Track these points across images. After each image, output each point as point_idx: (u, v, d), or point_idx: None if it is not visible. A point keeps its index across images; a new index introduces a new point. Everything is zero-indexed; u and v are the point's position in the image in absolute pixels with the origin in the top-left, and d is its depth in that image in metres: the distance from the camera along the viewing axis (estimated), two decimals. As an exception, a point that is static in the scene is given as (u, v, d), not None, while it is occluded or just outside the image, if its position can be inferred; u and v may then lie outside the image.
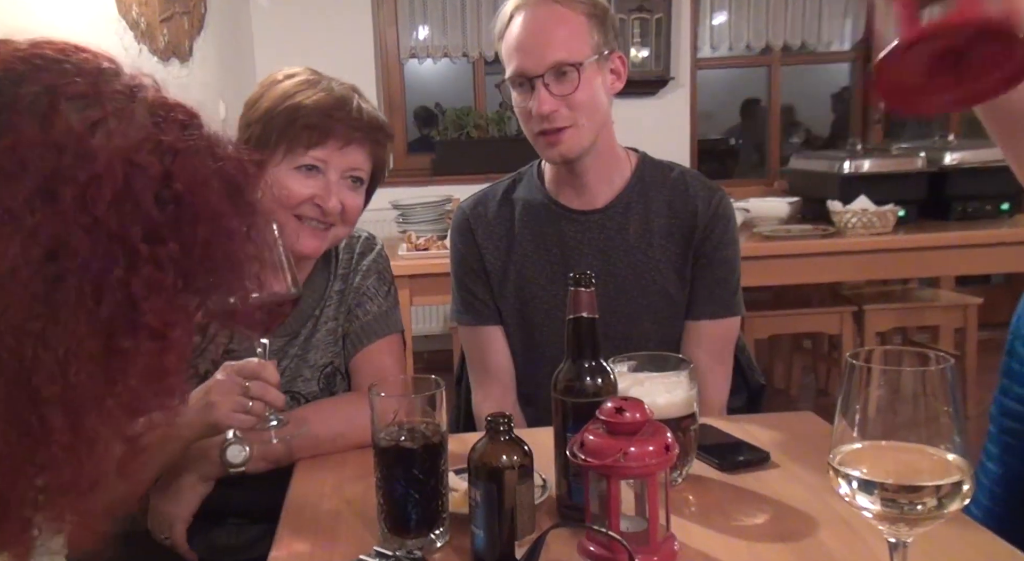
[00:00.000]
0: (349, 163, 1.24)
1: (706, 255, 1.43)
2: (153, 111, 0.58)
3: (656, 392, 1.05)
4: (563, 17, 1.33)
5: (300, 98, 1.22)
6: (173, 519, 1.13)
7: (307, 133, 1.20)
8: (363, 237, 1.40)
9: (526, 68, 1.33)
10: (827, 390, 3.75)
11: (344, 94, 1.24)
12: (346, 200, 1.24)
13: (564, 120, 1.34)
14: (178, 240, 0.56)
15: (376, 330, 1.34)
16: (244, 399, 1.05)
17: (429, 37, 4.38)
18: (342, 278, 1.36)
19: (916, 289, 3.55)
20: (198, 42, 3.02)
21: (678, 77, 4.40)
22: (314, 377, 1.31)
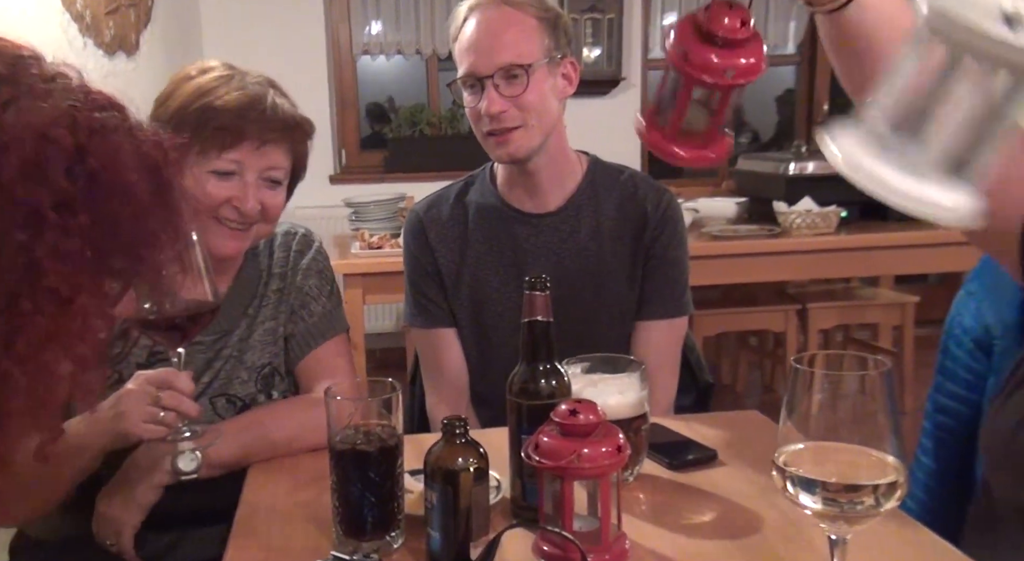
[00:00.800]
0: (266, 163, 1.21)
1: (656, 256, 1.46)
2: (71, 94, 0.61)
3: (609, 393, 1.07)
4: (514, 20, 1.35)
5: (211, 98, 1.17)
6: (121, 525, 1.11)
7: (220, 136, 1.16)
8: (300, 234, 1.38)
9: (476, 69, 1.35)
10: (772, 386, 3.85)
11: (258, 92, 1.20)
12: (265, 200, 1.21)
13: (513, 121, 1.35)
14: (89, 212, 0.59)
15: (323, 331, 1.33)
16: (155, 409, 1.03)
17: (382, 33, 4.35)
18: (279, 277, 1.33)
19: (857, 288, 3.66)
20: (145, 35, 2.96)
21: (630, 77, 4.45)
22: (251, 378, 1.29)
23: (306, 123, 1.27)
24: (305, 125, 1.26)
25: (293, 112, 1.24)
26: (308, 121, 1.27)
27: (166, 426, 1.04)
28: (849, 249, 3.05)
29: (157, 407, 1.03)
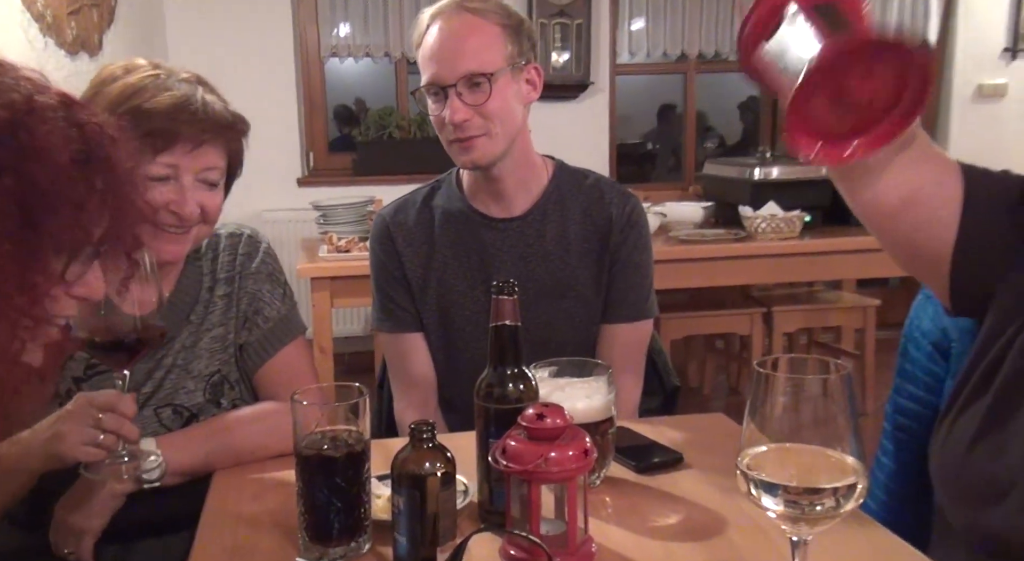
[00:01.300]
0: (202, 164, 1.17)
1: (621, 260, 1.47)
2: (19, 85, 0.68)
3: (576, 397, 1.07)
4: (477, 27, 1.35)
5: (140, 101, 1.12)
6: (81, 533, 1.09)
7: (152, 140, 1.11)
8: (245, 235, 1.34)
9: (439, 77, 1.35)
10: (738, 389, 3.89)
11: (187, 92, 1.15)
12: (204, 202, 1.18)
13: (476, 129, 1.36)
14: (16, 176, 0.65)
15: (280, 336, 1.31)
16: (95, 431, 1.01)
17: (350, 35, 4.33)
18: (226, 281, 1.30)
19: (821, 291, 3.72)
20: (108, 36, 2.92)
21: (598, 82, 4.48)
22: (199, 387, 1.25)
23: (240, 121, 1.23)
24: (239, 123, 1.22)
25: (225, 110, 1.20)
26: (242, 118, 1.23)
27: (105, 449, 1.01)
28: (813, 253, 3.10)
29: (97, 429, 1.01)
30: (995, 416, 0.91)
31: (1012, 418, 0.90)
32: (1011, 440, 0.89)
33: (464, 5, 1.36)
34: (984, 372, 0.94)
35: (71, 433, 1.01)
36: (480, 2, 1.38)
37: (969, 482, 0.93)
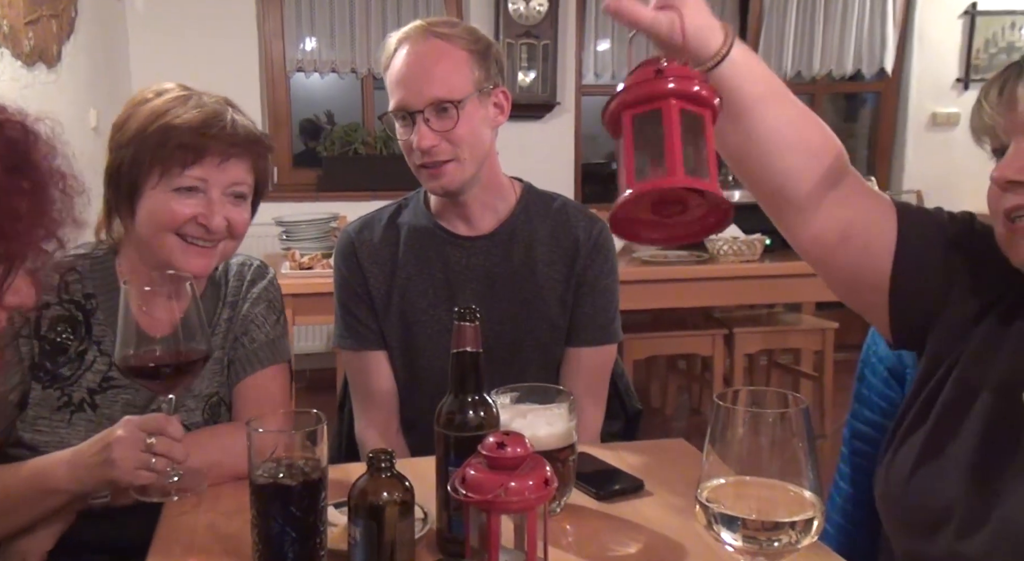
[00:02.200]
0: (230, 179, 1.21)
1: (587, 283, 1.47)
2: None
3: (537, 424, 1.07)
4: (444, 53, 1.35)
5: (170, 117, 1.18)
6: (26, 555, 1.08)
7: (181, 153, 1.17)
8: (255, 265, 1.38)
9: (407, 103, 1.35)
10: (700, 409, 3.91)
11: (217, 109, 1.21)
12: (231, 216, 1.22)
13: (445, 154, 1.35)
14: None
15: (262, 358, 1.31)
16: (147, 456, 1.02)
17: (316, 50, 4.32)
18: (230, 305, 1.33)
19: (781, 313, 3.76)
20: (67, 47, 2.87)
21: (564, 102, 4.52)
22: (198, 407, 1.27)
23: (265, 138, 1.27)
24: (264, 140, 1.27)
25: (252, 127, 1.25)
26: (267, 136, 1.29)
27: (156, 472, 1.03)
28: (773, 276, 3.14)
29: (148, 453, 1.02)
30: (933, 445, 0.93)
31: (948, 447, 0.92)
32: (947, 469, 0.91)
33: (431, 30, 1.36)
34: (923, 402, 0.96)
35: (124, 460, 1.01)
36: (447, 27, 1.37)
37: (909, 510, 0.94)
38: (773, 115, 0.95)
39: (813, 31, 4.69)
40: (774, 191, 1.00)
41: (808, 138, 0.97)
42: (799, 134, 0.97)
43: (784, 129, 0.96)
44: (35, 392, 1.19)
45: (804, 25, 4.70)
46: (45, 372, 1.20)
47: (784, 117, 0.96)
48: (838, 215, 0.98)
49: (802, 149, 0.97)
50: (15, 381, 1.18)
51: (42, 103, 2.61)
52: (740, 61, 0.91)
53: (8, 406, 1.17)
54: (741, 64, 0.91)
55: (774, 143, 0.96)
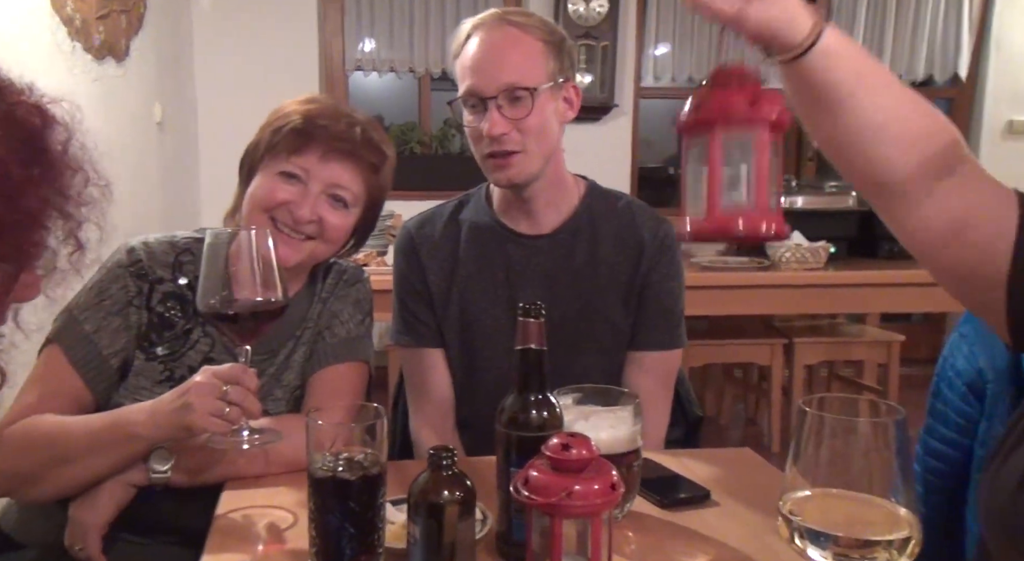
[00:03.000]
0: (331, 178, 1.22)
1: (651, 285, 1.43)
2: None
3: (601, 427, 1.03)
4: (520, 41, 1.32)
5: (300, 107, 1.24)
6: (87, 527, 1.09)
7: (292, 138, 1.20)
8: (352, 268, 1.40)
9: (480, 88, 1.32)
10: (755, 420, 3.82)
11: (341, 110, 1.25)
12: (325, 215, 1.23)
13: (514, 144, 1.32)
14: None
15: (339, 353, 1.31)
16: (222, 403, 1.02)
17: (375, 50, 4.34)
18: (323, 302, 1.34)
19: (844, 324, 3.65)
20: (136, 42, 2.92)
21: (621, 104, 4.46)
22: (284, 397, 1.29)
23: (382, 148, 1.28)
24: (380, 148, 1.27)
25: (369, 136, 1.25)
26: (381, 150, 1.28)
27: (230, 422, 1.03)
28: (837, 285, 3.05)
29: (223, 401, 1.02)
30: None
31: None
32: None
33: (507, 18, 1.33)
34: None
35: (201, 404, 1.02)
36: (523, 16, 1.35)
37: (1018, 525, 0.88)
38: (870, 105, 0.89)
39: (883, 34, 4.56)
40: (874, 182, 0.94)
41: (912, 128, 0.91)
42: (901, 124, 0.90)
43: (882, 119, 0.90)
44: (138, 362, 1.22)
45: (874, 28, 4.57)
46: (150, 344, 1.23)
47: (883, 107, 0.90)
48: (949, 206, 0.91)
49: (905, 139, 0.91)
50: (118, 346, 1.21)
51: (110, 96, 2.67)
52: (832, 50, 0.85)
53: (109, 368, 1.20)
54: (833, 53, 0.85)
55: (871, 134, 0.90)
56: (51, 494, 1.13)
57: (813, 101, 0.87)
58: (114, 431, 1.08)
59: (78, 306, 1.22)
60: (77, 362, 1.18)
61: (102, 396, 1.20)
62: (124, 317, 1.21)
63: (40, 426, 1.12)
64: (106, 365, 1.20)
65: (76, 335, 1.20)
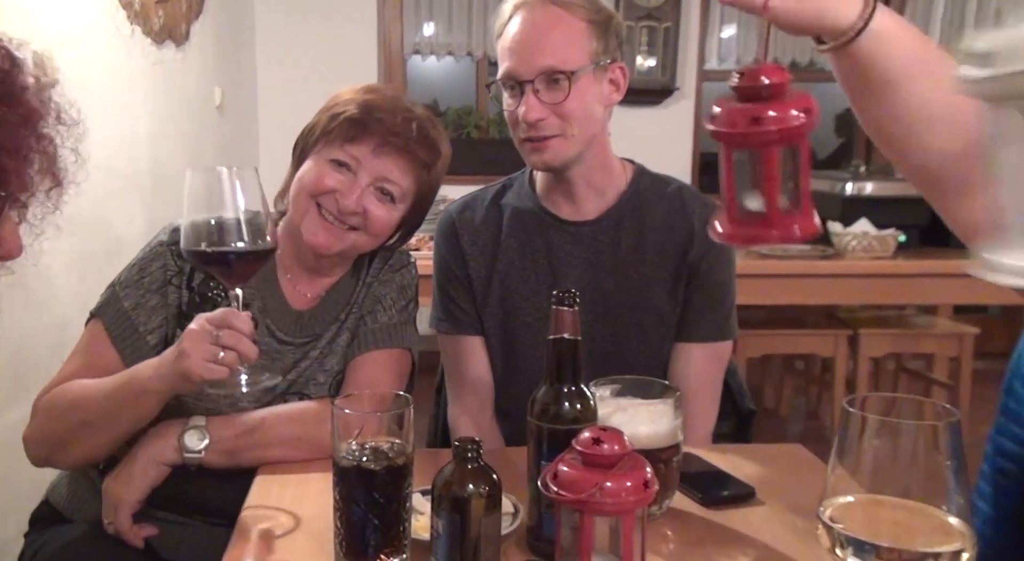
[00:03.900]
0: (381, 171, 1.21)
1: (701, 275, 1.37)
2: None
3: (639, 420, 0.99)
4: (561, 21, 1.27)
5: (359, 95, 1.23)
6: (119, 502, 1.11)
7: (347, 126, 1.20)
8: (398, 252, 1.38)
9: (517, 71, 1.28)
10: (817, 413, 3.71)
11: (399, 103, 1.23)
12: (370, 207, 1.21)
13: (551, 129, 1.28)
14: None
15: (378, 339, 1.28)
16: (215, 348, 1.01)
17: (434, 34, 4.33)
18: (367, 286, 1.33)
19: (912, 315, 3.51)
20: (196, 26, 2.96)
21: (683, 88, 4.36)
22: (327, 382, 1.27)
23: (436, 145, 1.26)
24: (434, 145, 1.25)
25: (426, 132, 1.24)
26: (436, 148, 1.26)
27: (226, 366, 1.02)
28: (906, 275, 2.92)
29: (217, 346, 1.01)
30: None
31: None
32: None
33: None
34: None
35: (194, 351, 1.01)
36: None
37: None
38: (922, 91, 0.83)
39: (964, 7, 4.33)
40: (927, 172, 0.88)
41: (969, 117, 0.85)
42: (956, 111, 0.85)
43: (935, 106, 0.84)
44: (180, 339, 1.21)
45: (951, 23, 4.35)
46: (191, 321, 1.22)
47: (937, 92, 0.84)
48: None
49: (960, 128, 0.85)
50: (155, 323, 1.21)
51: (169, 80, 2.71)
52: (884, 32, 0.80)
53: (145, 345, 1.21)
54: (885, 36, 0.80)
55: (924, 121, 0.85)
56: (80, 457, 1.15)
57: (863, 86, 0.82)
58: (127, 388, 1.09)
59: (120, 282, 1.23)
60: (115, 337, 1.20)
61: None
62: (163, 295, 1.22)
63: (67, 392, 1.15)
64: (142, 341, 1.20)
65: (116, 311, 1.21)
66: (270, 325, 1.25)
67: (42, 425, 1.15)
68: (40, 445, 1.15)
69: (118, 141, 2.32)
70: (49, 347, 1.88)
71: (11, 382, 1.73)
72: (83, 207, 2.07)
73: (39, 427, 1.15)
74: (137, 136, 2.47)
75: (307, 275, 1.30)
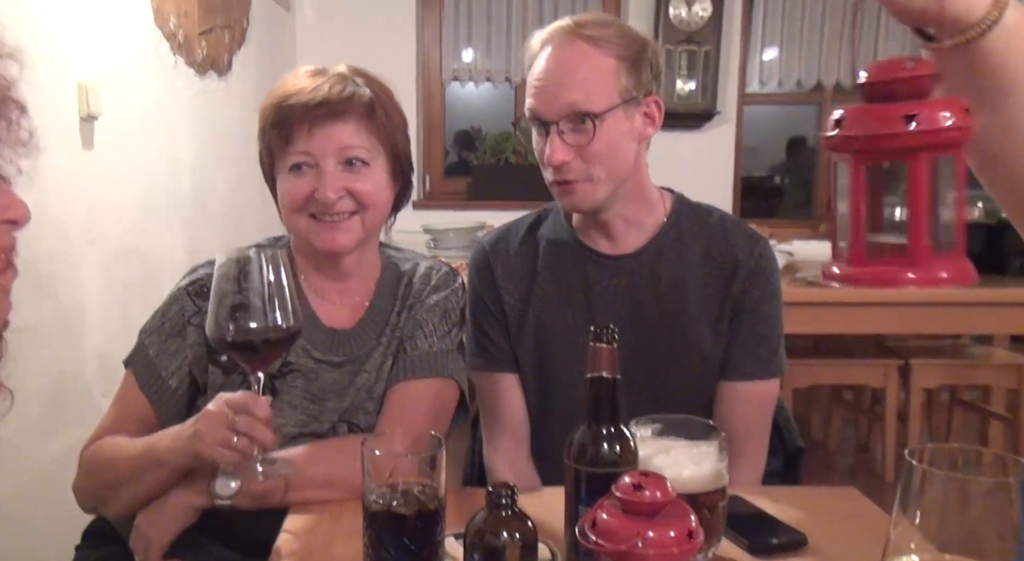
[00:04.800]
0: (332, 145, 1.15)
1: (746, 310, 1.31)
2: None
3: (682, 463, 0.94)
4: (588, 58, 1.21)
5: (266, 104, 1.19)
6: (150, 543, 1.09)
7: (275, 132, 1.16)
8: (443, 271, 1.31)
9: (541, 111, 1.23)
10: (868, 445, 3.58)
11: (303, 80, 1.16)
12: (351, 186, 1.16)
13: (576, 173, 1.23)
14: None
15: (417, 368, 1.22)
16: (229, 433, 0.98)
17: (473, 60, 4.35)
18: (408, 308, 1.27)
19: (968, 345, 3.38)
20: (238, 56, 3.00)
21: (724, 111, 4.31)
22: (375, 410, 1.23)
23: (356, 95, 1.16)
24: (352, 96, 1.16)
25: (342, 86, 1.16)
26: (361, 91, 1.17)
27: (239, 451, 0.99)
28: (959, 303, 2.81)
29: (232, 431, 0.99)
30: None
31: None
32: None
33: (578, 31, 1.22)
34: None
35: (208, 433, 0.99)
36: (597, 28, 1.22)
37: None
38: None
39: None
40: None
41: None
42: None
43: None
44: (215, 377, 1.20)
45: None
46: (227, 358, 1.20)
47: None
48: None
49: None
50: (175, 366, 1.20)
51: (211, 110, 2.74)
52: (1016, 28, 0.69)
53: (168, 389, 1.20)
54: (1017, 32, 0.69)
55: None
56: (117, 512, 1.16)
57: (977, 91, 0.71)
58: (146, 456, 1.09)
59: (146, 330, 1.23)
60: (143, 385, 1.20)
61: (166, 417, 1.19)
62: (183, 338, 1.20)
63: (102, 451, 1.16)
64: (165, 386, 1.20)
65: (143, 359, 1.21)
66: (304, 344, 1.22)
67: (83, 480, 1.18)
68: (85, 497, 1.19)
69: (160, 170, 2.35)
70: (91, 376, 1.89)
71: (53, 411, 1.74)
72: (124, 235, 2.10)
73: (82, 481, 1.18)
74: (179, 165, 2.50)
75: (334, 286, 1.26)
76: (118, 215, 2.04)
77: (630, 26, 1.28)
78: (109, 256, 1.98)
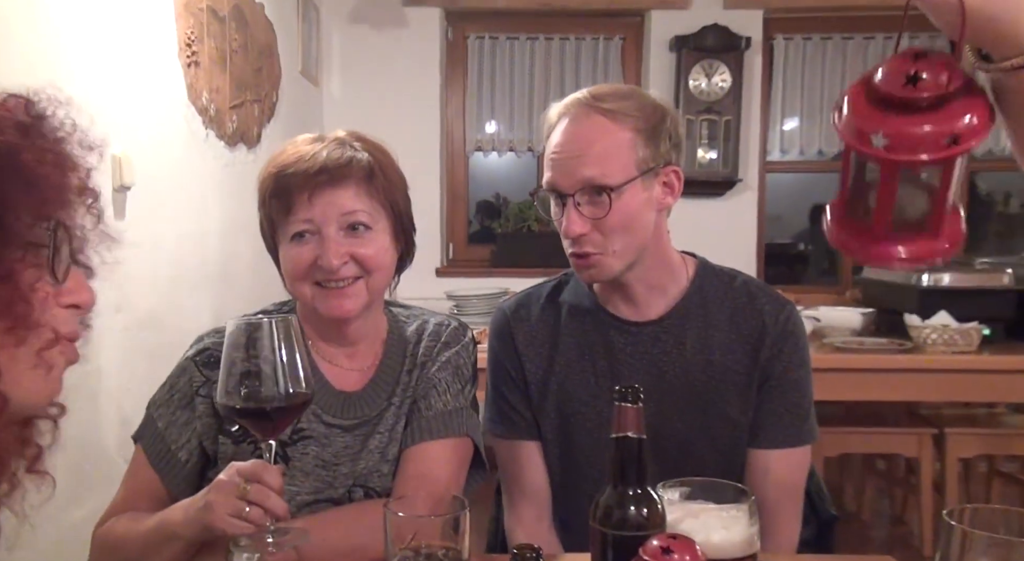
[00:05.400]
0: (336, 210, 1.14)
1: (774, 376, 1.28)
2: None
3: (711, 527, 0.91)
4: (605, 132, 1.20)
5: (264, 175, 1.19)
6: None
7: (275, 202, 1.16)
8: (452, 326, 1.30)
9: (558, 184, 1.23)
10: (903, 518, 3.46)
11: (302, 148, 1.16)
12: (354, 250, 1.15)
13: (594, 246, 1.23)
14: None
15: (433, 429, 1.21)
16: (241, 503, 0.96)
17: (496, 132, 4.44)
18: (420, 366, 1.26)
19: (1004, 414, 3.29)
20: (267, 129, 3.09)
21: (746, 179, 4.34)
22: (391, 472, 1.21)
23: (354, 159, 1.16)
24: (351, 160, 1.15)
25: (339, 152, 1.15)
26: (360, 156, 1.17)
27: (251, 522, 0.96)
28: (993, 371, 2.75)
29: (243, 501, 0.96)
30: None
31: None
32: None
33: (595, 105, 1.22)
34: None
35: (219, 504, 0.97)
36: (615, 100, 1.22)
37: None
38: None
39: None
40: None
41: None
42: None
43: None
44: (226, 447, 1.19)
45: None
46: (237, 427, 1.19)
47: None
48: None
49: None
50: (184, 439, 1.19)
51: (241, 181, 2.81)
52: None
53: (178, 462, 1.18)
54: None
55: None
56: None
57: None
58: (158, 532, 1.06)
59: (154, 402, 1.23)
60: (153, 460, 1.19)
61: (177, 491, 1.17)
62: (191, 409, 1.19)
63: (115, 529, 1.14)
64: (174, 459, 1.19)
65: (151, 432, 1.21)
66: (315, 409, 1.20)
67: (97, 558, 1.15)
68: None
69: (189, 237, 2.40)
70: (115, 443, 1.89)
71: (76, 478, 1.73)
72: (152, 300, 2.13)
73: (95, 559, 1.16)
74: (207, 232, 2.55)
75: (342, 350, 1.25)
76: (147, 283, 2.08)
77: (650, 95, 1.28)
78: (136, 323, 2.01)
